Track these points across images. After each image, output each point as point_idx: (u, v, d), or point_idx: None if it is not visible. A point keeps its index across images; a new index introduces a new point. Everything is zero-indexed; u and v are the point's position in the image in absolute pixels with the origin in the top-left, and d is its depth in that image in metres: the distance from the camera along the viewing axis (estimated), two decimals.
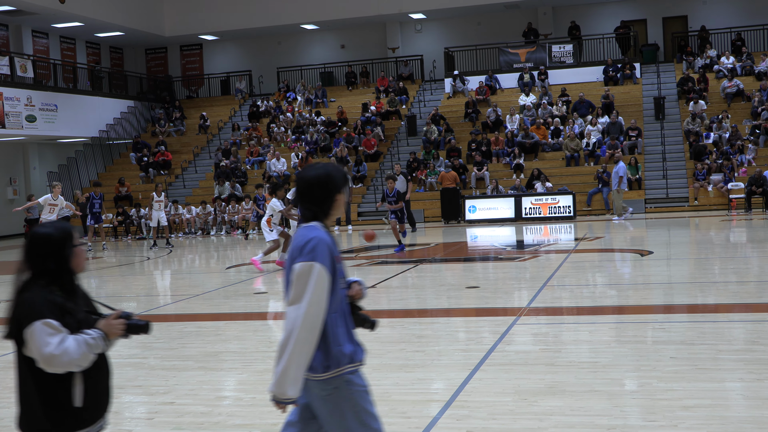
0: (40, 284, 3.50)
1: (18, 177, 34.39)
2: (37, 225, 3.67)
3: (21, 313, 3.46)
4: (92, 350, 3.46)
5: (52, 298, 3.47)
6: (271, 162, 30.72)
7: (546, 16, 36.78)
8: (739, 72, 31.80)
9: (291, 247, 3.72)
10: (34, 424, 3.49)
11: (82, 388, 3.48)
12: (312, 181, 3.74)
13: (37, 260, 3.55)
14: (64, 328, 3.43)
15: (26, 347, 3.45)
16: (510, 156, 29.34)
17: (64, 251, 3.56)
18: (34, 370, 3.45)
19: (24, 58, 31.77)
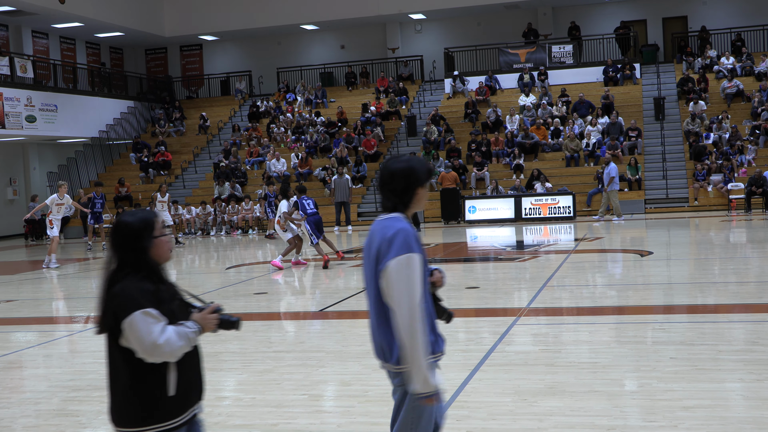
0: (128, 274, 3.49)
1: (18, 177, 34.38)
2: (122, 213, 3.64)
3: (117, 304, 3.42)
4: (190, 343, 3.47)
5: (145, 287, 3.46)
6: (271, 162, 30.72)
7: (546, 16, 36.79)
8: (739, 72, 31.80)
9: (377, 239, 3.74)
10: (129, 415, 3.48)
11: (176, 377, 3.47)
12: (395, 172, 3.81)
13: (119, 250, 3.53)
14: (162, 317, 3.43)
15: (123, 338, 3.42)
16: (510, 156, 29.34)
17: (143, 241, 3.52)
18: (131, 361, 3.43)
19: (24, 59, 31.77)
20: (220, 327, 3.61)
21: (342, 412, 6.27)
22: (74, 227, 30.93)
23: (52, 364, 8.55)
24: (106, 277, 3.54)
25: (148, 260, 3.53)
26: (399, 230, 3.66)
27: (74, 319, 11.85)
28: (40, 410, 6.70)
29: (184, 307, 3.61)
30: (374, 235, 3.76)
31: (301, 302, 12.66)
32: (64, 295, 14.94)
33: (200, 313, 3.56)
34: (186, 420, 3.54)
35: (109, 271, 3.54)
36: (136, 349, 3.39)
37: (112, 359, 3.52)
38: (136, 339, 3.37)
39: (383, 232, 3.69)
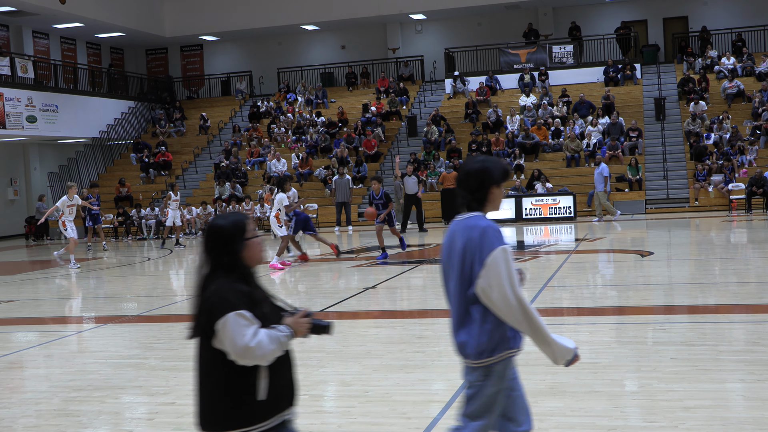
0: (221, 276, 3.48)
1: (19, 177, 34.40)
2: (215, 216, 3.64)
3: (211, 305, 3.42)
4: (282, 347, 3.44)
5: (239, 288, 3.45)
6: (271, 162, 30.73)
7: (546, 16, 36.79)
8: (740, 73, 31.80)
9: (461, 238, 3.83)
10: (216, 418, 3.47)
11: (267, 381, 3.45)
12: (470, 171, 3.96)
13: (212, 253, 3.53)
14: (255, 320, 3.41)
15: (216, 339, 3.41)
16: (510, 156, 29.34)
17: (236, 243, 3.52)
18: (223, 363, 3.42)
19: (25, 59, 31.78)
20: (312, 332, 3.60)
21: (342, 413, 6.27)
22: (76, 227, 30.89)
23: (52, 365, 8.55)
24: (200, 279, 3.55)
25: (241, 263, 3.52)
26: (486, 227, 3.81)
27: (75, 319, 11.86)
28: (41, 410, 6.70)
29: (276, 310, 3.59)
30: (456, 235, 3.87)
31: (302, 302, 12.65)
32: (65, 295, 14.94)
33: (292, 318, 3.54)
34: (274, 426, 3.51)
35: (202, 274, 3.55)
36: (229, 351, 3.38)
37: (202, 361, 3.52)
38: (228, 341, 3.36)
39: (468, 232, 3.81)
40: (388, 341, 8.64)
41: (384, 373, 7.23)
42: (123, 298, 13.91)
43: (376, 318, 10.54)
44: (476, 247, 3.75)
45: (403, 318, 10.30)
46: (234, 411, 3.43)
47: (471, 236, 3.78)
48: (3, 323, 11.58)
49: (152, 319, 11.16)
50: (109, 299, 14.23)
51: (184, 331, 10.43)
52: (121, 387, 7.32)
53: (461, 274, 3.83)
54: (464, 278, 3.84)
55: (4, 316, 12.28)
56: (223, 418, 3.44)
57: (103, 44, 39.15)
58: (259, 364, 3.41)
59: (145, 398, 6.93)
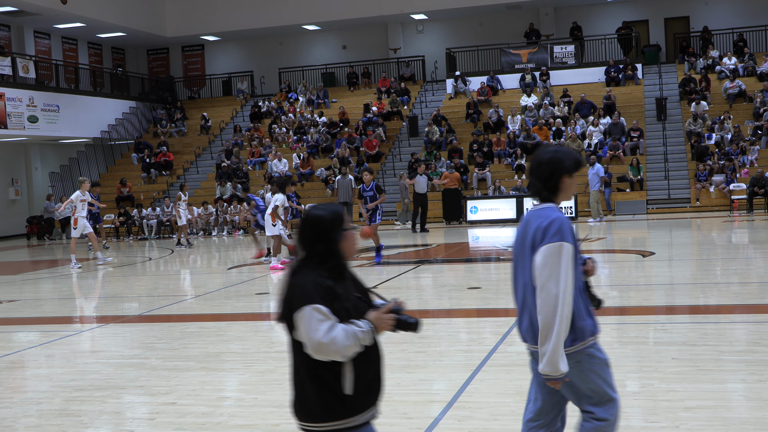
0: (311, 267, 3.44)
1: (20, 177, 34.40)
2: (313, 206, 3.60)
3: (292, 295, 3.40)
4: (360, 343, 3.36)
5: (322, 282, 3.40)
6: (272, 162, 30.73)
7: (548, 16, 36.78)
8: (741, 73, 31.78)
9: (533, 227, 3.87)
10: (307, 410, 3.45)
11: (353, 375, 3.41)
12: (542, 160, 4.00)
13: (307, 242, 3.49)
14: (333, 315, 3.35)
15: (296, 331, 3.39)
16: (511, 157, 29.34)
17: (333, 234, 3.48)
18: (305, 356, 3.39)
19: (26, 59, 31.80)
20: (397, 328, 3.52)
21: None
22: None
23: (54, 364, 8.55)
24: (292, 267, 3.51)
25: (336, 253, 3.48)
26: (554, 219, 3.83)
27: (76, 319, 11.86)
28: (42, 410, 6.70)
29: (363, 304, 3.52)
30: (529, 224, 3.93)
31: None
32: (66, 295, 14.95)
33: (375, 312, 3.47)
34: (365, 421, 3.48)
35: (295, 263, 3.52)
36: (304, 344, 3.35)
37: (294, 352, 3.48)
38: (304, 334, 3.33)
39: (539, 221, 3.86)
40: (389, 341, 8.61)
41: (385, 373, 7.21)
42: (124, 298, 13.91)
43: None
44: (540, 237, 3.82)
45: None
46: (323, 403, 3.40)
47: (540, 226, 3.84)
48: (4, 323, 11.58)
49: (153, 319, 11.16)
50: (110, 299, 14.24)
51: (186, 331, 10.44)
52: (123, 387, 7.33)
53: (530, 263, 3.90)
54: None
55: (5, 315, 12.28)
56: (313, 409, 3.42)
57: (104, 44, 39.16)
58: (337, 360, 3.36)
59: (146, 398, 6.94)
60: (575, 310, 3.87)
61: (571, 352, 3.88)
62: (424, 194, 24.36)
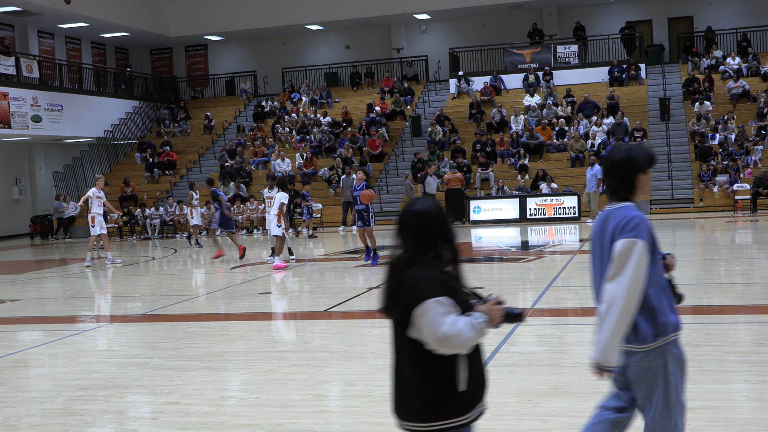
0: (420, 262, 3.37)
1: (24, 177, 34.46)
2: (410, 202, 3.52)
3: (409, 290, 3.30)
4: (480, 335, 3.33)
5: (438, 276, 3.36)
6: (275, 162, 30.75)
7: (551, 16, 36.76)
8: (745, 73, 31.75)
9: (611, 226, 3.93)
10: (417, 409, 3.35)
11: (466, 371, 3.37)
12: (615, 160, 4.04)
13: (421, 238, 3.40)
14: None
15: (413, 328, 3.30)
16: (515, 157, 29.33)
17: (443, 228, 3.44)
18: (420, 353, 3.31)
19: (30, 59, 31.84)
20: (505, 319, 3.50)
21: (346, 412, 6.27)
22: (80, 227, 30.98)
23: (57, 363, 8.56)
24: (395, 262, 3.45)
25: (446, 248, 3.44)
26: (633, 217, 3.89)
27: (80, 318, 11.88)
28: (46, 409, 6.71)
29: (468, 299, 3.48)
30: (607, 223, 3.99)
31: (306, 302, 12.66)
32: (69, 294, 14.96)
33: (486, 305, 3.43)
34: (474, 418, 3.42)
35: (398, 257, 3.45)
36: (426, 340, 3.27)
37: (399, 350, 3.41)
38: (427, 328, 3.25)
39: (617, 220, 3.91)
40: None
41: (388, 373, 7.20)
42: (127, 298, 13.92)
43: (380, 318, 10.52)
44: (618, 233, 3.88)
45: None
46: (435, 401, 3.32)
47: (618, 224, 3.90)
48: (8, 322, 11.60)
49: (156, 318, 11.17)
50: (113, 298, 14.25)
51: (189, 331, 10.43)
52: (126, 386, 7.33)
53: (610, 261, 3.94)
54: None
55: (9, 315, 12.30)
56: (425, 409, 3.33)
57: (107, 44, 39.20)
58: (458, 353, 3.32)
59: (149, 397, 6.94)
60: (658, 305, 3.98)
61: (652, 348, 3.95)
62: (434, 195, 24.34)
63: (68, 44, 36.80)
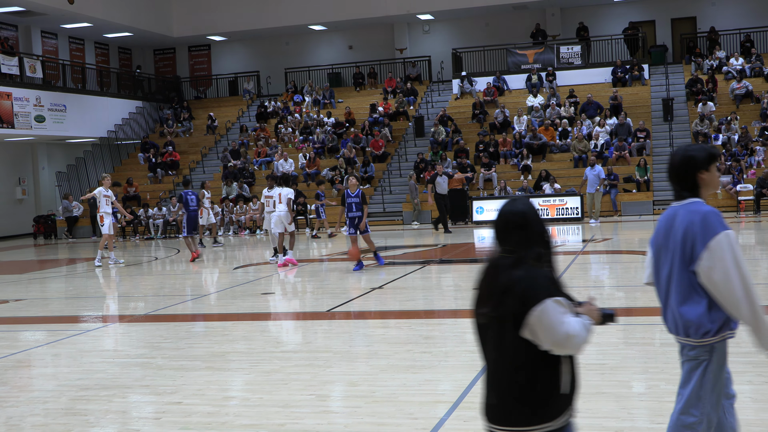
0: (525, 261, 3.31)
1: (27, 177, 34.50)
2: (509, 201, 3.47)
3: (523, 291, 3.23)
4: (589, 335, 3.30)
5: (550, 276, 3.31)
6: (278, 162, 30.75)
7: (554, 17, 36.75)
8: (748, 73, 31.71)
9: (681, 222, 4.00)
10: (517, 412, 3.28)
11: (570, 372, 3.32)
12: (673, 164, 4.18)
13: (526, 237, 3.36)
14: None
15: (526, 329, 3.23)
16: (518, 157, 29.31)
17: (542, 227, 3.39)
18: (529, 354, 3.25)
19: (33, 59, 31.88)
20: (601, 320, 3.49)
21: (349, 413, 6.27)
22: (83, 227, 31.01)
23: (60, 363, 8.57)
24: (497, 262, 3.39)
25: (551, 248, 3.40)
26: (708, 212, 3.95)
27: (83, 318, 11.89)
28: (49, 409, 6.72)
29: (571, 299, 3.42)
30: (676, 219, 4.05)
31: (309, 302, 12.67)
32: (72, 294, 14.98)
33: (584, 306, 3.41)
34: (570, 419, 3.37)
35: (500, 257, 3.40)
36: (543, 340, 3.21)
37: (500, 351, 3.32)
38: (545, 329, 3.19)
39: (690, 216, 3.98)
40: (395, 342, 8.64)
41: (391, 374, 7.23)
42: (130, 298, 13.94)
43: (383, 318, 10.54)
44: (698, 231, 3.92)
45: (409, 318, 10.29)
46: (538, 404, 3.26)
47: (692, 220, 3.95)
48: (11, 322, 11.61)
49: (159, 318, 11.18)
50: (116, 298, 14.27)
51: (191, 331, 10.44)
52: (128, 386, 7.34)
53: (683, 255, 4.00)
54: (686, 259, 3.99)
55: (12, 314, 12.31)
56: (528, 412, 3.27)
57: (111, 44, 39.24)
58: (570, 354, 3.28)
59: (152, 397, 6.95)
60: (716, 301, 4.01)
61: (710, 343, 4.01)
62: (446, 195, 24.23)
63: (71, 44, 36.84)
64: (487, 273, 3.41)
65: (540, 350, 3.24)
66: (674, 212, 4.10)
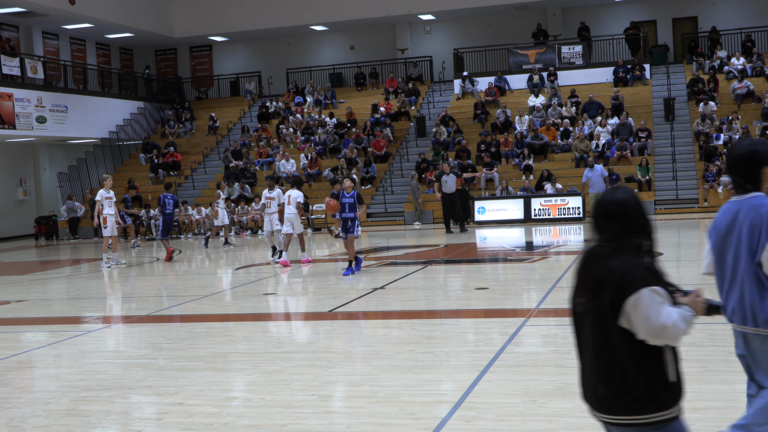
0: (624, 251, 3.30)
1: (28, 178, 34.52)
2: (609, 191, 3.46)
3: (619, 280, 3.22)
4: (690, 327, 3.29)
5: (648, 265, 3.29)
6: (280, 163, 30.76)
7: (555, 17, 36.74)
8: (750, 73, 31.70)
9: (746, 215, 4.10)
10: (629, 402, 3.25)
11: (674, 361, 3.32)
12: (738, 157, 4.23)
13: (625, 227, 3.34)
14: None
15: (623, 318, 3.22)
16: (519, 157, 29.31)
17: (644, 216, 3.39)
18: (632, 343, 3.24)
19: (34, 60, 31.90)
20: (707, 312, 3.49)
21: (351, 413, 6.27)
22: (85, 227, 31.02)
23: (62, 364, 8.57)
24: (595, 251, 3.38)
25: (651, 237, 3.38)
26: None
27: (84, 319, 11.89)
28: (51, 410, 6.72)
29: (672, 289, 3.39)
30: (739, 213, 4.16)
31: (310, 303, 12.67)
32: (74, 295, 14.99)
33: (689, 297, 3.39)
34: (681, 410, 3.33)
35: (597, 246, 3.38)
36: (639, 329, 3.21)
37: (605, 340, 3.30)
38: (641, 318, 3.18)
39: (755, 210, 4.09)
40: (397, 342, 8.64)
41: (393, 374, 7.23)
42: (132, 298, 13.95)
43: (385, 318, 10.54)
44: (765, 221, 4.03)
45: (411, 319, 10.29)
46: (649, 393, 3.25)
47: (759, 213, 4.07)
48: (13, 323, 11.62)
49: (161, 319, 11.18)
50: (118, 299, 14.27)
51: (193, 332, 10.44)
52: (130, 387, 7.34)
53: (750, 247, 4.09)
54: (753, 252, 4.09)
55: (14, 315, 12.32)
56: (639, 400, 3.25)
57: (112, 45, 39.27)
58: (669, 344, 3.27)
59: (154, 398, 6.95)
60: None
61: None
62: (452, 194, 23.94)
63: (73, 45, 36.86)
64: (584, 262, 3.42)
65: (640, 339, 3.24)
66: (737, 206, 4.20)
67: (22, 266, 21.46)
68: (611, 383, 3.30)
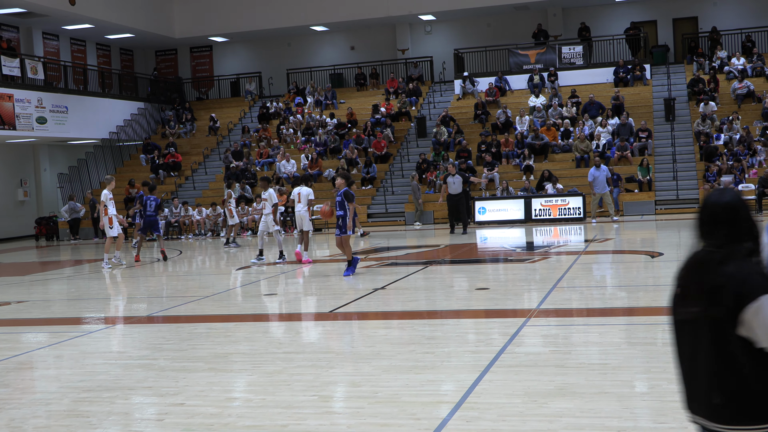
0: (741, 257, 3.20)
1: (29, 178, 34.53)
2: (715, 193, 3.36)
3: (737, 287, 3.11)
4: None
5: (762, 271, 3.16)
6: (280, 163, 30.77)
7: (556, 17, 36.74)
8: (750, 73, 31.70)
9: None
10: (752, 411, 3.16)
11: None
12: None
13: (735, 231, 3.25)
14: None
15: (742, 326, 3.11)
16: (520, 157, 29.31)
17: (753, 221, 3.28)
18: (751, 352, 3.13)
19: (35, 60, 31.91)
20: None
21: (352, 413, 6.27)
22: (86, 228, 31.02)
23: (62, 365, 8.57)
24: (705, 258, 3.28)
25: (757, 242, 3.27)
26: None
27: (85, 319, 11.89)
28: (51, 411, 6.72)
29: None
30: None
31: (311, 303, 12.66)
32: (74, 296, 14.99)
33: None
34: None
35: (707, 252, 3.29)
36: (760, 338, 3.10)
37: (720, 350, 3.19)
38: (763, 326, 3.07)
39: None
40: (398, 342, 8.63)
41: (393, 374, 7.23)
42: (132, 299, 13.94)
43: (386, 319, 10.54)
44: None
45: (412, 319, 10.29)
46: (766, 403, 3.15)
47: None
48: (13, 324, 11.62)
49: (162, 319, 11.18)
50: (118, 300, 14.27)
51: (194, 332, 10.43)
52: (131, 388, 7.34)
53: None
54: None
55: (14, 316, 12.32)
56: (755, 410, 3.15)
57: (112, 45, 39.28)
58: None
59: (154, 399, 6.95)
60: None
61: None
62: (458, 195, 23.78)
63: (73, 46, 36.87)
64: (692, 269, 3.32)
65: (760, 347, 3.16)
66: None
67: (22, 267, 21.46)
68: (729, 393, 3.20)
